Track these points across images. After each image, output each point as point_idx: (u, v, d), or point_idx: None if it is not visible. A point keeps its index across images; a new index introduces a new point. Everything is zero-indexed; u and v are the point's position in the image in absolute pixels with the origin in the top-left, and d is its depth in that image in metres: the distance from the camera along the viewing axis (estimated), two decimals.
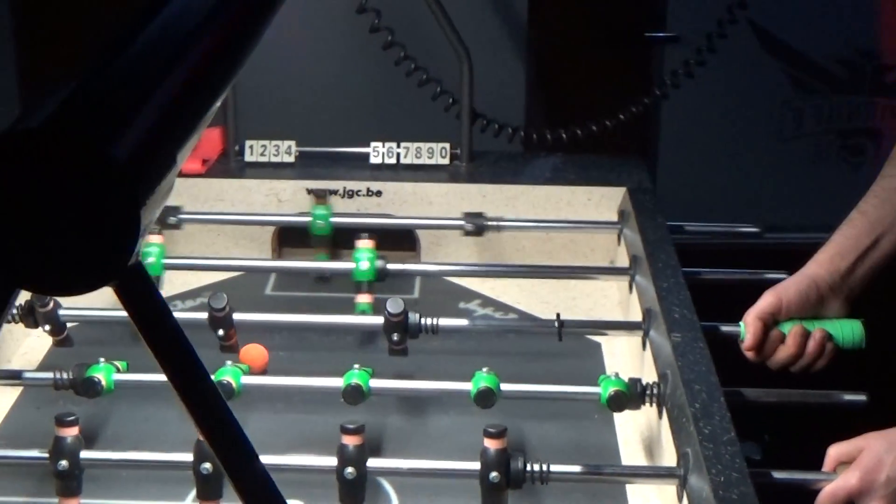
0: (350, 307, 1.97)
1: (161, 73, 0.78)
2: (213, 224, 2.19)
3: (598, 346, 1.95)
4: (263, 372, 1.80)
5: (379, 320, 1.78)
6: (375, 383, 1.66)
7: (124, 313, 0.68)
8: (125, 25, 0.84)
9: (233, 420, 0.71)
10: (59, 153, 0.63)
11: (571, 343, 1.89)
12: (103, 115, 0.68)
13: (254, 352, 1.81)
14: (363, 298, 1.97)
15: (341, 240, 2.17)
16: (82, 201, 0.64)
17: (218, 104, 0.87)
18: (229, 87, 0.92)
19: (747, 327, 1.71)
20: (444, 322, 1.79)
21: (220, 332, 1.76)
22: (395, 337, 1.76)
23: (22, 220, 0.63)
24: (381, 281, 1.97)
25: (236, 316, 1.77)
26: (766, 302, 1.72)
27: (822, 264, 1.74)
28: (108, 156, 0.64)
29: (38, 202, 0.63)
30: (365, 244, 1.96)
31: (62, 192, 0.63)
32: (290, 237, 2.26)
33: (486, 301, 2.13)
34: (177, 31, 0.85)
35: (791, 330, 1.70)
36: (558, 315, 1.80)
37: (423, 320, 1.76)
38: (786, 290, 1.72)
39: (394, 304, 1.75)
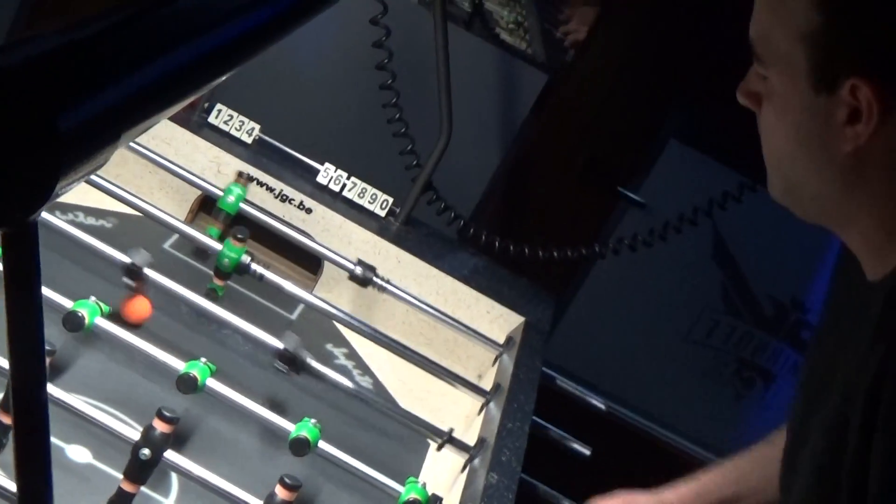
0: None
1: (143, 60, 0.82)
2: (150, 162, 2.21)
3: (426, 446, 1.99)
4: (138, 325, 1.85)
5: (268, 339, 1.86)
6: (212, 382, 1.69)
7: None
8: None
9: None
10: (10, 101, 0.66)
11: (405, 433, 1.94)
12: (68, 82, 0.71)
13: (139, 305, 1.86)
14: (218, 281, 2.07)
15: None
16: (11, 149, 0.67)
17: (184, 104, 0.91)
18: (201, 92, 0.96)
19: None
20: (325, 371, 1.87)
21: (130, 281, 1.88)
22: (278, 365, 1.85)
23: None
24: (240, 274, 2.04)
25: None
26: None
27: (681, 497, 1.74)
28: (53, 125, 0.67)
29: None
30: (237, 243, 2.02)
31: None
32: (210, 206, 2.28)
33: (352, 354, 2.17)
34: (176, 26, 0.88)
35: None
36: (451, 431, 1.87)
37: (307, 359, 1.86)
38: None
39: (290, 341, 1.84)
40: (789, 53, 1.20)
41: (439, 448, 1.87)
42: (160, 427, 1.48)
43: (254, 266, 2.03)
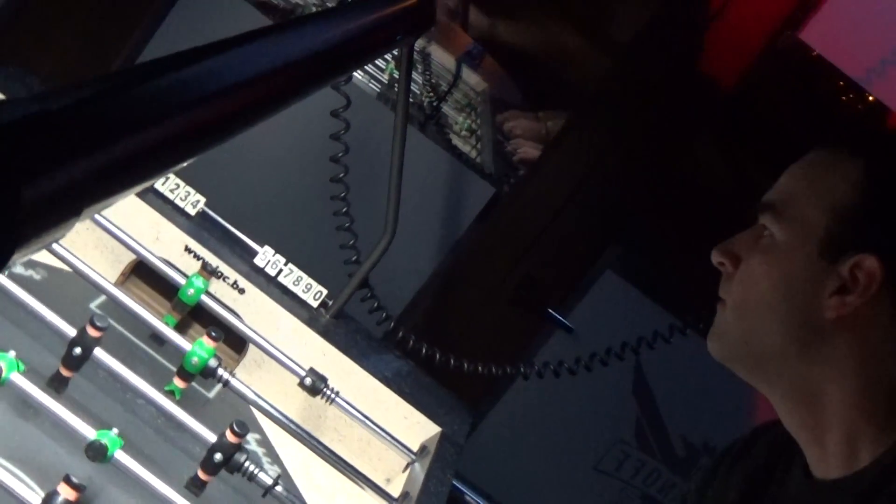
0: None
1: (114, 138, 0.81)
2: (89, 219, 2.18)
3: None
4: None
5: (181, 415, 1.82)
6: (120, 454, 1.66)
7: None
8: (126, 71, 0.86)
9: None
10: None
11: None
12: (37, 153, 0.70)
13: None
14: (179, 383, 2.01)
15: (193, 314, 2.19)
16: None
17: (148, 185, 0.90)
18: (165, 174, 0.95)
19: None
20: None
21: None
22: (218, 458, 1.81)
23: None
24: (204, 377, 1.99)
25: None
26: None
27: None
28: (17, 196, 0.66)
29: None
30: (209, 342, 1.98)
31: None
32: (143, 272, 2.25)
33: (264, 441, 2.14)
34: (151, 105, 0.88)
35: None
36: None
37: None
38: None
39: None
40: (811, 219, 1.24)
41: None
42: (65, 493, 1.44)
43: (220, 371, 1.99)
